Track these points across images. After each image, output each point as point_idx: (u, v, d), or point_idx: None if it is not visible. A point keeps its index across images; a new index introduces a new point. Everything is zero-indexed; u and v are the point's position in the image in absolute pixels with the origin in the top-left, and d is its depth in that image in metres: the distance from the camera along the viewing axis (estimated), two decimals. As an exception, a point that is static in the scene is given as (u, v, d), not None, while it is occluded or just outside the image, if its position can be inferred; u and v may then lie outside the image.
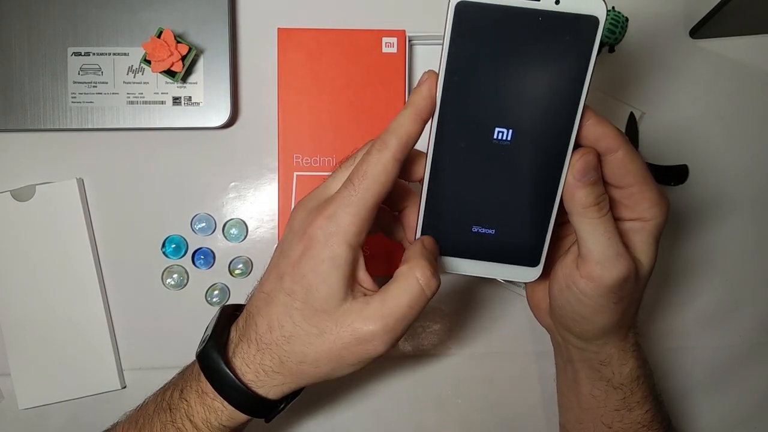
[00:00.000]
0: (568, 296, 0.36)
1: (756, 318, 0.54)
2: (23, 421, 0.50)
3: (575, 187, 0.32)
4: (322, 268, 0.31)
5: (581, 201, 0.32)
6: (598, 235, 0.33)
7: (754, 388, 0.54)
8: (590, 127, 0.31)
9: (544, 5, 0.28)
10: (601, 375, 0.41)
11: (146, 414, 0.37)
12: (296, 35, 0.47)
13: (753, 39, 0.53)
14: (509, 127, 0.31)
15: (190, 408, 0.35)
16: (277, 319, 0.33)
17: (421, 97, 0.31)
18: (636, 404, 0.41)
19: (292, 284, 0.32)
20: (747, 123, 0.54)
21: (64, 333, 0.49)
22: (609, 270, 0.33)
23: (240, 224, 0.51)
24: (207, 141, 0.51)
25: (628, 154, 0.32)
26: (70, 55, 0.48)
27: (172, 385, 0.37)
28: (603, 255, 0.33)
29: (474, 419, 0.52)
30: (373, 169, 0.31)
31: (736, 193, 0.54)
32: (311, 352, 0.32)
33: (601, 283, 0.34)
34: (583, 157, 0.31)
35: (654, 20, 0.53)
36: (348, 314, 0.31)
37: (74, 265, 0.49)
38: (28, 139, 0.50)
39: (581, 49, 0.29)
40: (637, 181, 0.33)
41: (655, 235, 0.35)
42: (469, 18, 0.29)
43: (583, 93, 0.30)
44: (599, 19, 0.28)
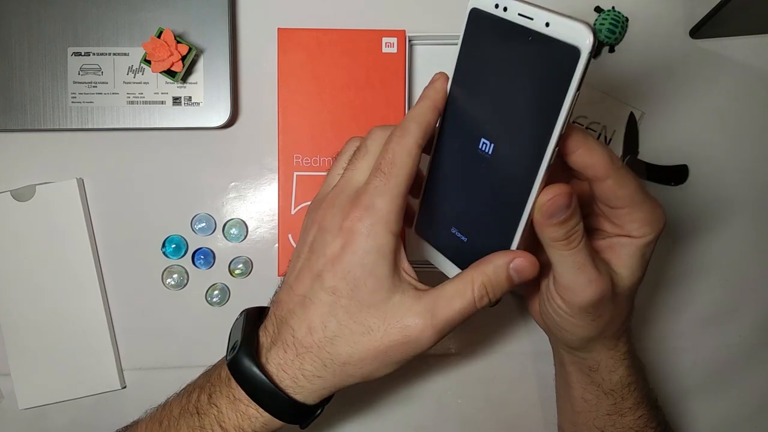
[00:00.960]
0: (548, 308, 0.37)
1: (756, 318, 0.54)
2: (23, 421, 0.50)
3: (543, 225, 0.31)
4: (368, 260, 0.30)
5: (549, 236, 0.31)
6: (567, 266, 0.33)
7: (754, 388, 0.54)
8: (579, 157, 0.31)
9: (536, 25, 0.27)
10: (591, 380, 0.41)
11: (171, 416, 0.36)
12: (296, 35, 0.47)
13: (753, 39, 0.53)
14: (491, 140, 0.30)
15: (221, 414, 0.33)
16: (320, 320, 0.32)
17: (435, 90, 0.32)
18: (628, 410, 0.41)
19: (335, 281, 0.31)
20: (747, 123, 0.54)
21: (64, 333, 0.49)
22: (579, 295, 0.33)
23: (240, 224, 0.51)
24: (207, 141, 0.51)
25: (617, 182, 0.32)
26: (70, 55, 0.48)
27: (198, 387, 0.36)
28: (572, 282, 0.33)
29: (474, 419, 0.52)
30: (400, 155, 0.31)
31: (736, 193, 0.54)
32: (357, 352, 0.32)
33: (573, 305, 0.34)
34: (552, 200, 0.30)
35: (654, 20, 0.53)
36: (398, 309, 0.31)
37: (74, 265, 0.49)
38: (28, 139, 0.50)
39: (560, 78, 0.27)
40: (626, 203, 0.33)
41: (643, 251, 0.35)
42: (478, 25, 0.29)
43: (559, 122, 0.27)
44: (581, 52, 0.25)
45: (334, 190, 0.34)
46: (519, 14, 0.27)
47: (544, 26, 0.27)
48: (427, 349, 0.31)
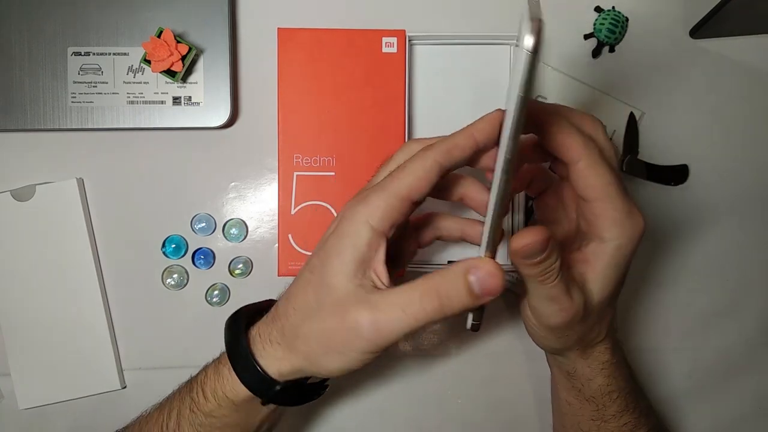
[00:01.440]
0: (525, 320, 0.38)
1: (756, 318, 0.54)
2: (23, 421, 0.50)
3: (517, 264, 0.32)
4: (341, 242, 0.31)
5: (523, 272, 0.32)
6: (540, 297, 0.33)
7: (754, 388, 0.54)
8: (553, 135, 0.31)
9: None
10: (572, 384, 0.41)
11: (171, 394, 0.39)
12: (296, 35, 0.47)
13: (753, 39, 0.53)
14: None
15: (206, 378, 0.36)
16: (294, 292, 0.33)
17: (481, 121, 0.31)
18: (611, 417, 0.41)
19: (315, 259, 0.33)
20: (747, 123, 0.54)
21: (64, 333, 0.49)
22: (549, 319, 0.34)
23: (240, 224, 0.51)
24: (207, 141, 0.51)
25: (589, 166, 0.31)
26: (70, 55, 0.48)
27: None
28: (543, 310, 0.34)
29: (474, 419, 0.52)
30: (413, 164, 0.31)
31: (736, 193, 0.54)
32: (305, 327, 0.32)
33: (542, 325, 0.35)
34: (527, 246, 0.30)
35: (654, 20, 0.53)
36: (348, 296, 0.31)
37: (74, 265, 0.49)
38: (28, 139, 0.50)
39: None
40: (599, 196, 0.32)
41: (617, 259, 0.34)
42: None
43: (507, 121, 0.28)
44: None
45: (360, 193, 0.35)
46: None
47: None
48: (366, 345, 0.30)
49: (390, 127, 0.47)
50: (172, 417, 0.37)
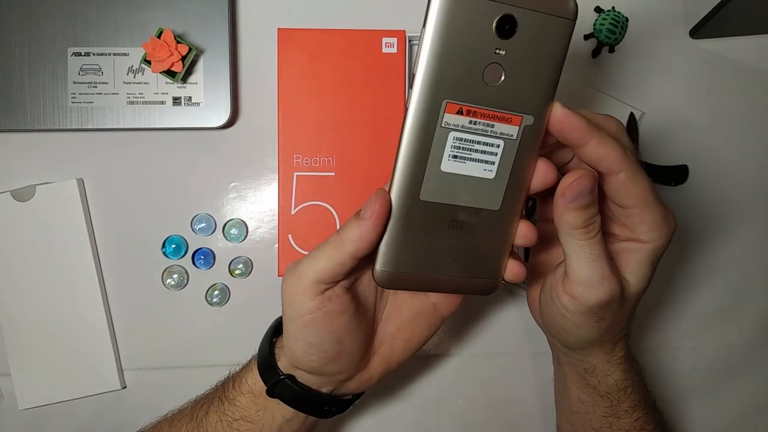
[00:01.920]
0: (552, 308, 0.36)
1: (756, 318, 0.54)
2: (23, 421, 0.50)
3: (564, 209, 0.31)
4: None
5: (569, 222, 0.31)
6: (583, 257, 0.33)
7: (754, 388, 0.54)
8: (592, 148, 0.31)
9: None
10: (587, 382, 0.41)
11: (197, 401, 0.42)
12: (296, 35, 0.47)
13: (753, 39, 0.53)
14: None
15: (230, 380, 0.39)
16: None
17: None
18: (624, 413, 0.41)
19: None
20: (747, 123, 0.54)
21: (64, 333, 0.49)
22: (591, 292, 0.33)
23: (240, 224, 0.51)
24: (207, 141, 0.51)
25: (630, 177, 0.32)
26: (70, 55, 0.48)
27: None
28: (586, 277, 0.33)
29: (474, 419, 0.52)
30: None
31: (736, 193, 0.54)
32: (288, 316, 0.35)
33: (582, 303, 0.34)
34: (578, 181, 0.30)
35: (654, 20, 0.53)
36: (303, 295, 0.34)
37: (74, 265, 0.49)
38: (28, 139, 0.50)
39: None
40: (638, 203, 0.33)
41: (651, 257, 0.35)
42: None
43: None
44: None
45: None
46: None
47: None
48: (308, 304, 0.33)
49: (390, 127, 0.47)
50: (203, 408, 0.39)
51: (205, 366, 0.50)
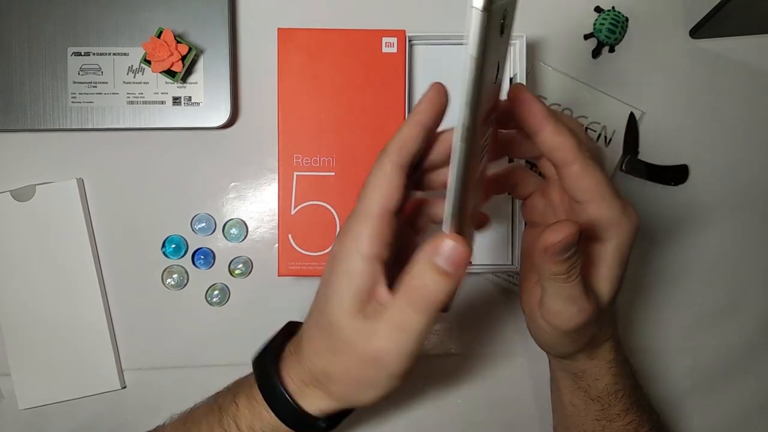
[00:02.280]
0: (531, 324, 0.37)
1: (756, 318, 0.54)
2: (23, 421, 0.50)
3: (547, 262, 0.30)
4: (337, 281, 0.30)
5: (550, 271, 0.31)
6: (561, 297, 0.33)
7: (754, 388, 0.54)
8: (546, 137, 0.31)
9: None
10: (578, 386, 0.41)
11: (195, 416, 0.37)
12: (296, 35, 0.47)
13: (753, 39, 0.53)
14: None
15: (238, 411, 0.35)
16: (310, 334, 0.33)
17: (421, 102, 0.30)
18: (616, 416, 0.41)
19: (320, 298, 0.32)
20: (747, 123, 0.54)
21: (64, 333, 0.49)
22: (566, 322, 0.34)
23: (240, 224, 0.51)
24: (207, 141, 0.51)
25: (583, 169, 0.31)
26: (70, 55, 0.48)
27: (226, 389, 0.38)
28: (562, 311, 0.33)
29: (474, 419, 0.52)
30: (373, 178, 0.30)
31: (736, 193, 0.54)
32: (333, 369, 0.32)
33: (558, 330, 0.34)
34: (564, 240, 0.29)
35: (654, 20, 0.53)
36: (355, 333, 0.30)
37: (74, 265, 0.49)
38: (28, 139, 0.50)
39: None
40: (592, 197, 0.32)
41: (617, 258, 0.34)
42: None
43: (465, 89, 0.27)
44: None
45: None
46: None
47: None
48: (399, 369, 0.30)
49: (390, 127, 0.47)
50: None
51: (205, 366, 0.50)
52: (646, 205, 0.53)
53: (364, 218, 0.30)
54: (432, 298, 0.28)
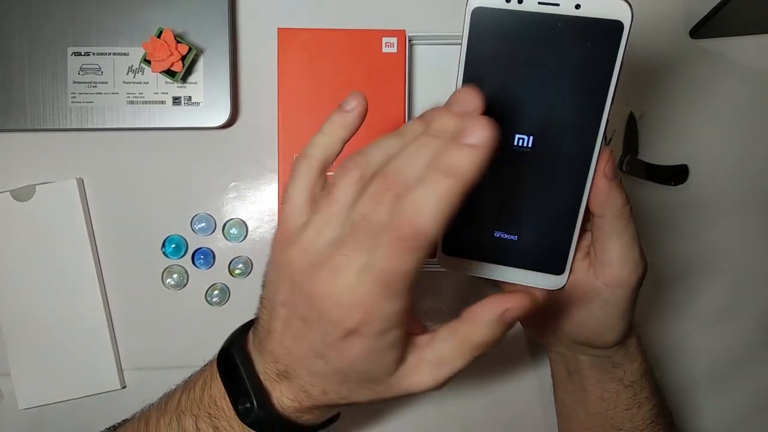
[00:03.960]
0: (592, 310, 0.36)
1: (756, 318, 0.54)
2: (23, 421, 0.50)
3: (611, 188, 0.31)
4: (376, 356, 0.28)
5: (620, 201, 0.31)
6: (628, 238, 0.33)
7: (754, 388, 0.54)
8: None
9: (564, 10, 0.27)
10: (612, 376, 0.41)
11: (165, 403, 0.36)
12: (296, 35, 0.47)
13: (753, 39, 0.53)
14: (530, 133, 0.30)
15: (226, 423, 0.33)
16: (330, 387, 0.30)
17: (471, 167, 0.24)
18: (645, 400, 0.41)
19: (341, 365, 0.28)
20: (747, 123, 0.54)
21: (64, 333, 0.49)
22: (634, 271, 0.34)
23: (240, 224, 0.51)
24: (207, 141, 0.51)
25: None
26: (70, 55, 0.48)
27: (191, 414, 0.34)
28: (629, 258, 0.33)
29: (474, 419, 0.52)
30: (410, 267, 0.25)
31: (736, 193, 0.54)
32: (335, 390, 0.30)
33: (628, 287, 0.34)
34: (611, 157, 0.31)
35: (654, 20, 0.53)
36: (401, 380, 0.29)
37: (74, 265, 0.49)
38: (28, 139, 0.50)
39: (605, 54, 0.28)
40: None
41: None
42: (486, 24, 0.28)
43: (608, 98, 0.29)
44: (624, 24, 0.28)
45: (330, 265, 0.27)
46: (540, 2, 0.27)
47: (573, 9, 0.27)
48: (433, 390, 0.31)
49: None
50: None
51: (205, 366, 0.50)
52: (646, 205, 0.53)
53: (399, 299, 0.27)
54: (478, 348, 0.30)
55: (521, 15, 0.28)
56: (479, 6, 0.28)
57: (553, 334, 0.40)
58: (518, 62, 0.29)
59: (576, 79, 0.28)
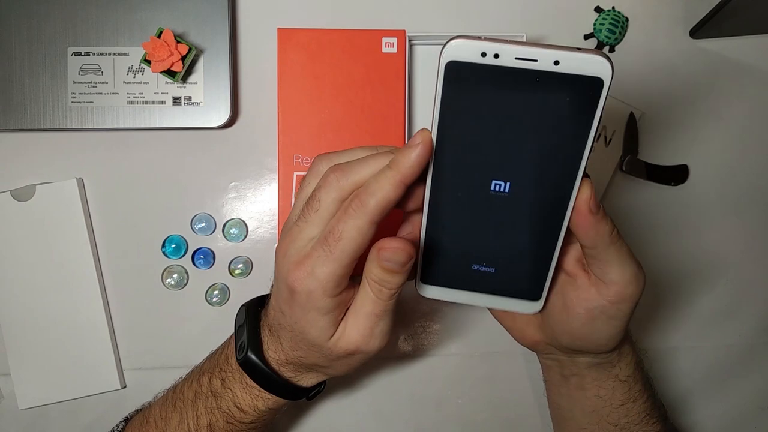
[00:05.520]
0: (596, 325, 0.36)
1: (756, 318, 0.54)
2: (23, 421, 0.50)
3: (598, 221, 0.31)
4: (309, 317, 0.34)
5: (604, 231, 0.32)
6: (625, 258, 0.33)
7: (754, 388, 0.54)
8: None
9: (543, 66, 0.26)
10: (609, 374, 0.41)
11: (185, 398, 0.40)
12: (296, 35, 0.47)
13: (753, 39, 0.53)
14: (506, 180, 0.30)
15: (235, 396, 0.39)
16: (290, 344, 0.37)
17: (408, 164, 0.30)
18: (638, 393, 0.41)
19: (290, 322, 0.35)
20: (747, 123, 0.54)
21: (64, 333, 0.49)
22: (637, 285, 0.34)
23: (240, 224, 0.51)
24: (207, 141, 0.51)
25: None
26: (70, 55, 0.48)
27: (207, 372, 0.40)
28: (631, 274, 0.34)
29: (474, 419, 0.52)
30: (349, 232, 0.31)
31: (736, 193, 0.54)
32: (321, 362, 0.37)
33: (633, 301, 0.35)
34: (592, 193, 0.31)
35: (654, 20, 0.53)
36: (335, 345, 0.35)
37: (74, 265, 0.49)
38: (28, 139, 0.50)
39: (584, 110, 0.28)
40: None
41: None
42: (461, 77, 0.28)
43: (586, 150, 0.29)
44: (604, 81, 0.27)
45: (289, 234, 0.34)
46: (517, 58, 0.27)
47: (552, 65, 0.26)
48: (374, 351, 0.35)
49: (390, 127, 0.47)
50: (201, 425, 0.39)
51: (205, 366, 0.50)
52: (646, 205, 0.53)
53: (333, 268, 0.32)
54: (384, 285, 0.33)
55: (498, 69, 0.27)
56: (454, 60, 0.27)
57: (551, 344, 0.40)
58: (494, 114, 0.28)
59: (553, 132, 0.28)
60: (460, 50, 0.27)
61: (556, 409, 0.46)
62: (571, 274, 0.36)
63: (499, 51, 0.27)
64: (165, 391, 0.43)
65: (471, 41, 0.27)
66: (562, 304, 0.36)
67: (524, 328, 0.41)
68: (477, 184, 0.31)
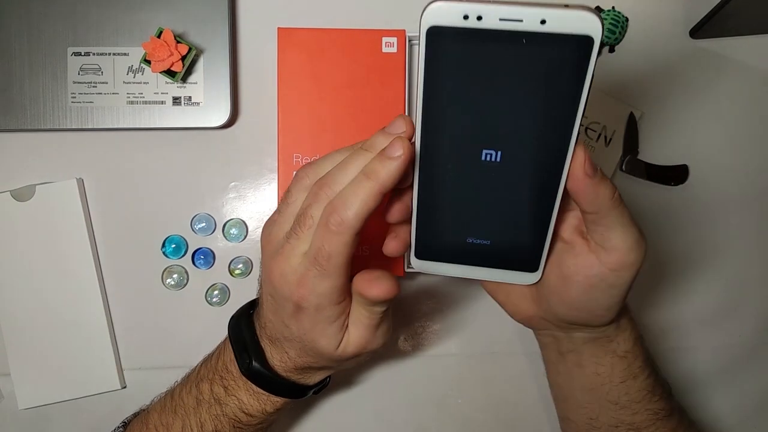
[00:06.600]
0: (595, 294, 0.35)
1: (756, 318, 0.54)
2: (23, 421, 0.50)
3: (596, 184, 0.31)
4: (318, 327, 0.35)
5: (605, 194, 0.31)
6: (627, 223, 0.33)
7: (754, 388, 0.54)
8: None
9: (528, 26, 0.25)
10: (607, 350, 0.40)
11: (185, 405, 0.40)
12: (296, 35, 0.47)
13: (753, 39, 0.53)
14: (497, 149, 0.29)
15: (242, 403, 0.39)
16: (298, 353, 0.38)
17: (388, 176, 0.29)
18: (639, 370, 0.41)
19: (298, 334, 0.36)
20: (747, 123, 0.54)
21: (64, 333, 0.49)
22: (639, 252, 0.34)
23: (240, 224, 0.51)
24: (207, 141, 0.51)
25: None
26: (70, 55, 0.48)
27: (207, 380, 0.40)
28: (633, 240, 0.33)
29: (474, 419, 0.52)
30: (336, 248, 0.31)
31: (736, 193, 0.54)
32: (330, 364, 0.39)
33: (634, 268, 0.34)
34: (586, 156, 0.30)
35: (654, 20, 0.53)
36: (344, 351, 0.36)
37: (74, 264, 0.49)
38: (28, 139, 0.50)
39: (574, 71, 0.26)
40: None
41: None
42: (444, 43, 0.27)
43: (578, 114, 0.28)
44: (594, 39, 0.25)
45: (281, 253, 0.33)
46: (501, 19, 0.25)
47: (538, 24, 0.25)
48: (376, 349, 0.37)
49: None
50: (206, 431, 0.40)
51: (205, 366, 0.50)
52: (646, 206, 0.53)
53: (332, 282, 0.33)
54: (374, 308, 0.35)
55: (482, 33, 0.26)
56: (435, 25, 0.26)
57: (546, 318, 0.39)
58: (481, 80, 0.27)
59: (544, 96, 0.27)
60: (441, 14, 0.26)
61: (556, 389, 0.46)
62: (569, 242, 0.35)
63: (482, 12, 0.25)
64: (162, 396, 0.43)
65: (451, 3, 0.26)
66: (560, 273, 0.35)
67: (518, 302, 0.40)
68: (467, 154, 0.30)
